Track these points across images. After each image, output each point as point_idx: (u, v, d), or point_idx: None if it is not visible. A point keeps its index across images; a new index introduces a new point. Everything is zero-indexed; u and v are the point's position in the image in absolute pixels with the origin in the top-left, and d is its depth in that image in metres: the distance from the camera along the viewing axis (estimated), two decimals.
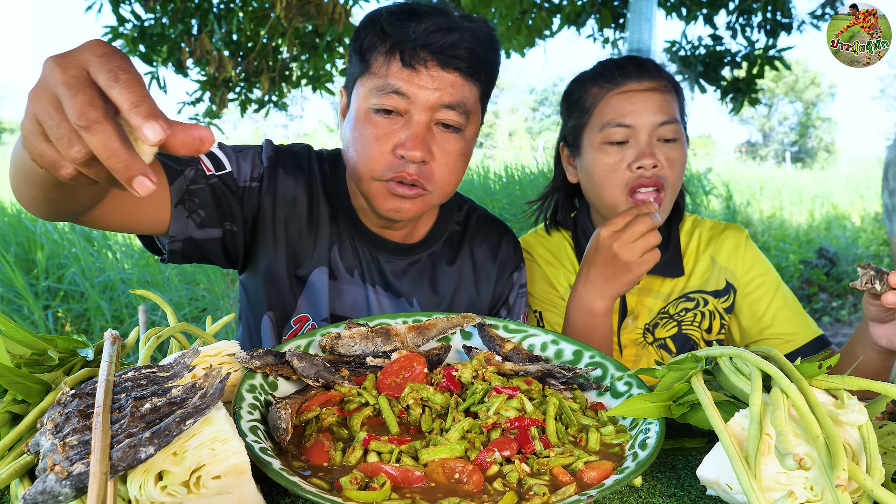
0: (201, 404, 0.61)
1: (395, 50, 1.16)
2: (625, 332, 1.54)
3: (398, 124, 1.17)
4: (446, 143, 1.19)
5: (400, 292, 1.35)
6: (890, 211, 1.42)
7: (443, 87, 1.16)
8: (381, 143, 1.17)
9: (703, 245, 1.57)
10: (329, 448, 0.71)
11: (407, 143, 1.15)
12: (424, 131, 1.16)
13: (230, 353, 0.81)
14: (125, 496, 0.58)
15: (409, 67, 1.15)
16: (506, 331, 1.01)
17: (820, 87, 47.08)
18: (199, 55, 4.50)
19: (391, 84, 1.15)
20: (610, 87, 1.44)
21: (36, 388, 0.73)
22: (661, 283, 1.55)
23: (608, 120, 1.42)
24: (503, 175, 9.89)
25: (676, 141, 1.43)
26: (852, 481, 0.61)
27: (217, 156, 1.25)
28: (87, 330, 5.04)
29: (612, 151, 1.42)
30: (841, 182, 14.40)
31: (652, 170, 1.39)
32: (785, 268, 6.94)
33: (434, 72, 1.15)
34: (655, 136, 1.41)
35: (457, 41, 1.15)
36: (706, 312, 1.53)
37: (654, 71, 1.45)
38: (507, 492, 0.65)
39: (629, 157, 1.40)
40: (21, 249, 5.98)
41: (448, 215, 1.42)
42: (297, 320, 1.32)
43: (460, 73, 1.17)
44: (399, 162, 1.16)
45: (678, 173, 1.43)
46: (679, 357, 0.80)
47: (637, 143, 1.41)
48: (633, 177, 1.40)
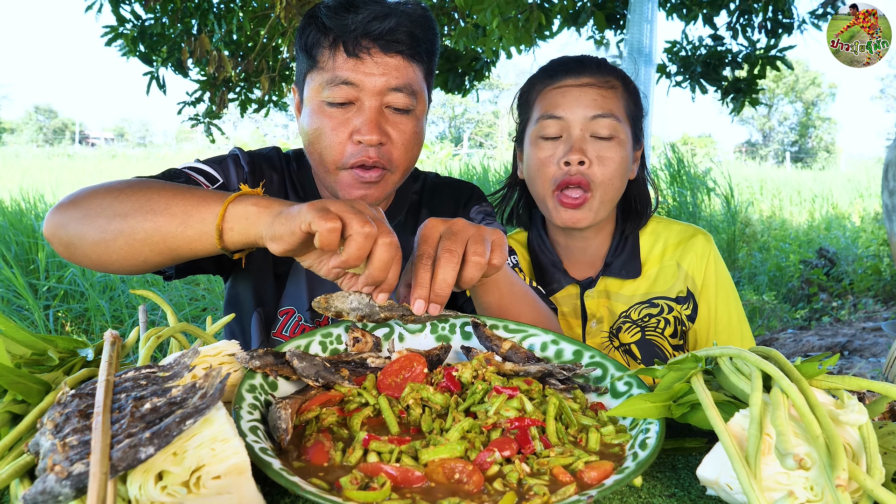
0: (201, 404, 0.61)
1: (337, 42, 1.23)
2: (590, 335, 1.53)
3: (351, 112, 1.24)
4: (399, 124, 1.26)
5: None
6: (890, 211, 1.42)
7: (388, 72, 1.23)
8: (339, 133, 1.24)
9: (670, 249, 1.55)
10: (329, 448, 0.71)
11: (362, 128, 1.22)
12: (377, 115, 1.23)
13: (230, 353, 0.81)
14: (125, 496, 0.58)
15: (354, 57, 1.22)
16: (506, 331, 1.01)
17: (820, 87, 47.08)
18: (199, 55, 4.50)
19: (339, 76, 1.22)
20: (549, 82, 1.46)
21: (36, 388, 0.73)
22: (619, 285, 1.53)
23: (542, 113, 1.44)
24: (503, 175, 9.89)
25: (612, 139, 1.40)
26: (852, 481, 0.61)
27: (205, 170, 1.32)
28: (87, 330, 5.04)
29: (545, 146, 1.43)
30: (841, 182, 14.40)
31: (578, 166, 1.38)
32: (785, 268, 6.94)
33: (378, 58, 1.22)
34: (588, 131, 1.40)
35: (395, 26, 1.22)
36: (670, 319, 1.51)
37: (595, 68, 1.44)
38: (507, 492, 0.65)
39: (560, 153, 1.40)
40: (21, 249, 5.98)
41: (405, 188, 1.49)
42: (282, 312, 1.39)
43: (402, 55, 1.24)
44: (358, 147, 1.23)
45: (611, 172, 1.40)
46: (679, 357, 0.80)
47: (569, 138, 1.40)
48: (561, 173, 1.40)
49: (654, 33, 4.65)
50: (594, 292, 1.53)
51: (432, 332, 1.01)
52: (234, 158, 1.39)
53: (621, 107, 1.44)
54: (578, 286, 1.54)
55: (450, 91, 5.77)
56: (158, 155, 28.20)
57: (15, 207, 7.00)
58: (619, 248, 1.53)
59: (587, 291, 1.53)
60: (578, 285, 1.54)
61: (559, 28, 5.01)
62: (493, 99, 57.90)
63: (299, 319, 1.39)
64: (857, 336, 5.38)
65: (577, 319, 1.54)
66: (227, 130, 25.02)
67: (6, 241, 5.99)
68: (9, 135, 51.80)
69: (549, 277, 1.55)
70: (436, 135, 53.22)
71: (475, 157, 19.82)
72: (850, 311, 6.24)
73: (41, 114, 58.13)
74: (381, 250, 0.84)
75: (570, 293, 1.54)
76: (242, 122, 34.60)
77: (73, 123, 59.14)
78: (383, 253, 0.85)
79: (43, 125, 57.41)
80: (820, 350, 5.11)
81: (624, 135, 1.43)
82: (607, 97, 1.41)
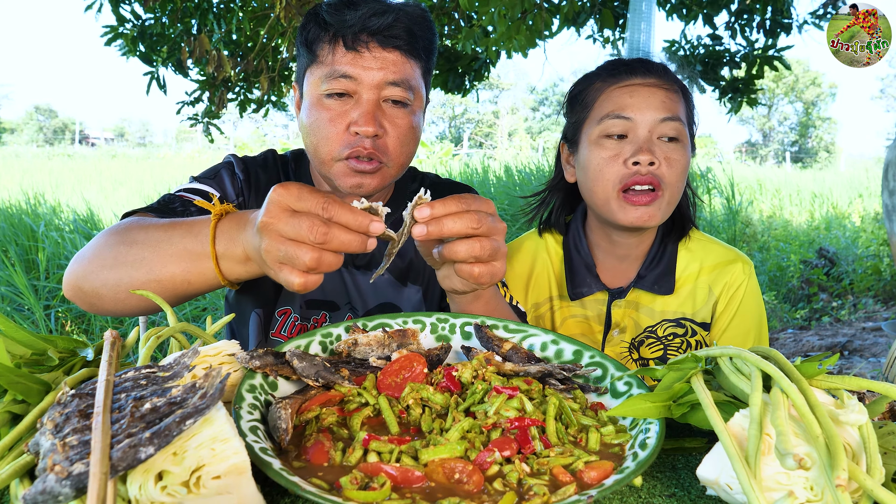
0: (201, 404, 0.61)
1: (337, 37, 1.26)
2: (610, 344, 1.51)
3: (349, 105, 1.27)
4: (396, 118, 1.29)
5: (370, 264, 1.45)
6: (890, 211, 1.42)
7: (386, 66, 1.26)
8: (336, 124, 1.26)
9: (706, 272, 1.50)
10: (329, 448, 0.71)
11: (359, 120, 1.24)
12: (374, 108, 1.26)
13: (230, 353, 0.81)
14: (125, 496, 0.58)
15: (353, 51, 1.25)
16: (506, 331, 1.01)
17: (820, 87, 47.09)
18: (199, 55, 4.50)
19: (338, 69, 1.25)
20: (613, 81, 1.42)
21: (36, 388, 0.73)
22: (651, 300, 1.50)
23: (607, 112, 1.39)
24: (503, 175, 9.89)
25: (679, 141, 1.38)
26: (852, 481, 0.61)
27: (201, 189, 1.34)
28: (87, 330, 5.04)
29: (610, 145, 1.39)
30: (841, 182, 14.40)
31: (648, 167, 1.34)
32: (785, 268, 6.94)
33: (376, 52, 1.26)
34: (656, 133, 1.37)
35: (393, 22, 1.25)
36: (692, 343, 1.49)
37: (661, 71, 1.42)
38: (507, 492, 0.65)
39: (626, 153, 1.36)
40: (22, 249, 5.98)
41: (404, 187, 1.52)
42: (280, 312, 1.42)
43: (400, 51, 1.27)
44: (354, 138, 1.26)
45: (678, 175, 1.37)
46: (679, 357, 0.80)
47: (636, 139, 1.37)
48: (628, 173, 1.35)
49: (652, 32, 4.65)
50: (623, 302, 1.50)
51: (432, 332, 1.01)
52: (229, 167, 1.41)
53: (684, 112, 1.42)
54: (608, 294, 1.51)
55: (450, 91, 5.77)
56: (158, 155, 28.21)
57: (15, 207, 7.00)
58: (654, 261, 1.50)
59: (616, 301, 1.50)
60: (608, 293, 1.51)
61: (559, 28, 5.00)
62: (493, 99, 57.92)
63: (296, 319, 1.41)
64: (857, 336, 5.38)
65: (599, 326, 1.51)
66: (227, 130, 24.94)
67: (7, 241, 5.99)
68: (9, 135, 51.81)
69: (579, 280, 1.52)
70: (436, 135, 53.19)
71: (475, 156, 19.83)
72: (850, 311, 6.24)
73: (41, 114, 58.12)
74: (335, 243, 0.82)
75: (597, 299, 1.52)
76: (242, 121, 34.62)
77: (73, 123, 59.14)
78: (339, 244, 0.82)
79: (43, 125, 57.41)
80: (820, 350, 5.11)
81: (687, 139, 1.40)
82: (674, 100, 1.39)
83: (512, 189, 8.92)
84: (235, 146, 27.96)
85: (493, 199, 8.19)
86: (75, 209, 7.49)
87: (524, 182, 9.22)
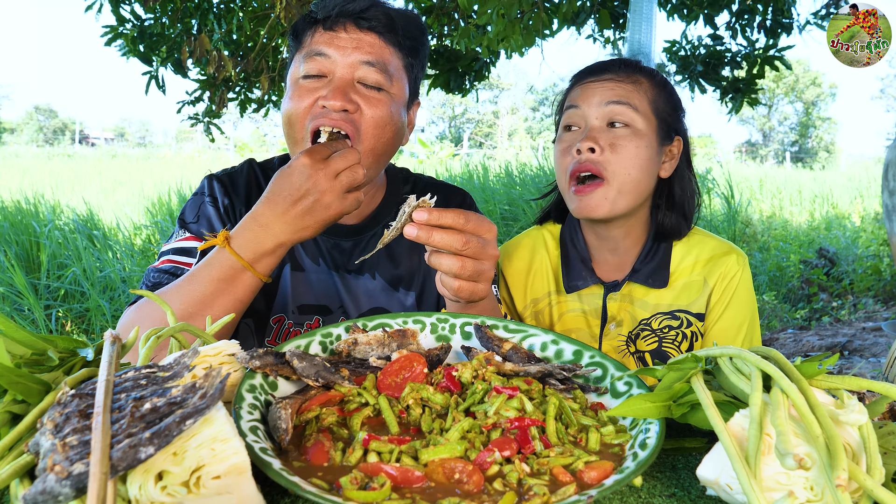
0: (201, 404, 0.61)
1: (317, 22, 1.31)
2: (607, 338, 1.52)
3: (321, 83, 1.28)
4: (371, 98, 1.28)
5: (363, 268, 1.45)
6: (890, 211, 1.42)
7: (360, 46, 1.28)
8: (304, 99, 1.28)
9: (700, 265, 1.52)
10: (329, 448, 0.71)
11: (328, 95, 1.26)
12: (345, 85, 1.27)
13: (230, 353, 0.81)
14: (125, 496, 0.58)
15: (330, 31, 1.29)
16: (506, 331, 1.01)
17: (820, 87, 47.09)
18: (199, 55, 4.50)
19: (314, 49, 1.29)
20: (577, 81, 1.51)
21: (36, 388, 0.73)
22: (645, 293, 1.51)
23: (566, 105, 1.49)
24: (503, 175, 9.89)
25: (629, 127, 1.41)
26: (852, 481, 0.61)
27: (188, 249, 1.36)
28: (87, 330, 5.04)
29: (565, 138, 1.47)
30: (841, 182, 14.39)
31: (588, 154, 1.38)
32: (785, 268, 6.94)
33: (353, 34, 1.29)
34: (605, 119, 1.42)
35: (369, 5, 1.29)
36: (688, 334, 1.50)
37: (620, 67, 1.47)
38: (507, 492, 0.65)
39: (575, 142, 1.43)
40: (22, 249, 5.98)
41: (395, 189, 1.52)
42: (275, 320, 1.44)
43: (377, 34, 1.30)
44: (321, 111, 1.26)
45: (627, 161, 1.39)
46: (679, 357, 0.80)
47: (584, 129, 1.44)
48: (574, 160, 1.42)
49: (653, 33, 4.65)
50: (618, 296, 1.52)
51: (432, 332, 1.01)
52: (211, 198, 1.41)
53: (644, 101, 1.44)
54: (603, 287, 1.53)
55: (450, 91, 5.76)
56: (158, 155, 28.20)
57: (15, 207, 7.00)
58: (649, 255, 1.51)
59: (611, 294, 1.52)
60: (603, 286, 1.53)
61: (559, 28, 5.00)
62: (493, 99, 57.91)
63: (290, 325, 1.43)
64: (857, 336, 5.38)
65: (596, 319, 1.53)
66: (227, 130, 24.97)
67: (7, 241, 5.99)
68: (9, 135, 51.79)
69: (575, 273, 1.55)
70: (436, 135, 53.14)
71: (475, 156, 19.81)
72: (850, 311, 6.24)
73: (41, 114, 58.12)
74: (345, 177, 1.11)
75: (593, 292, 1.54)
76: (242, 121, 34.60)
77: (73, 123, 59.14)
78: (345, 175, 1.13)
79: (43, 125, 57.41)
80: (820, 350, 5.11)
81: (643, 126, 1.42)
82: (627, 89, 1.43)
83: (513, 189, 8.92)
84: (235, 146, 27.98)
85: (495, 199, 8.20)
86: (75, 209, 7.50)
87: (525, 182, 9.21)
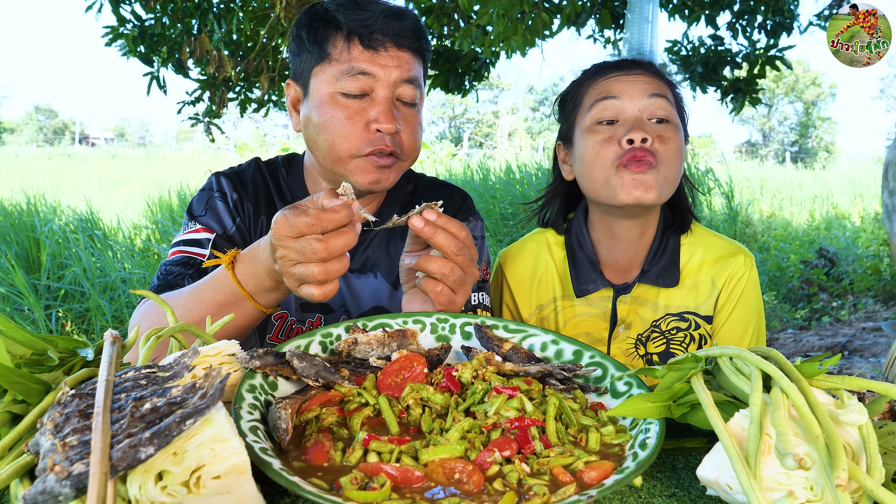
0: (201, 404, 0.61)
1: (352, 36, 1.30)
2: (616, 340, 1.50)
3: (366, 102, 1.30)
4: (408, 115, 1.35)
5: (364, 268, 1.47)
6: (890, 211, 1.42)
7: (401, 65, 1.31)
8: (355, 122, 1.30)
9: (707, 265, 1.51)
10: (329, 448, 0.71)
11: (380, 117, 1.28)
12: (391, 105, 1.31)
13: (230, 353, 0.81)
14: (125, 496, 0.58)
15: (371, 49, 1.30)
16: (506, 331, 1.01)
17: (820, 87, 47.10)
18: (199, 55, 4.50)
19: (356, 66, 1.29)
20: (599, 75, 1.46)
21: (36, 388, 0.73)
22: (655, 293, 1.50)
23: (596, 98, 1.43)
24: (503, 175, 9.89)
25: (669, 122, 1.40)
26: (852, 481, 0.61)
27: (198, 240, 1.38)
28: (87, 330, 5.04)
29: (602, 130, 1.42)
30: (841, 182, 14.39)
31: (642, 143, 1.36)
32: (785, 268, 6.94)
33: (392, 52, 1.31)
34: (646, 113, 1.40)
35: (406, 24, 1.32)
36: (696, 336, 1.49)
37: (646, 66, 1.45)
38: (507, 492, 0.65)
39: (619, 135, 1.38)
40: (22, 249, 5.99)
41: (398, 188, 1.54)
42: (276, 316, 1.45)
43: (411, 51, 1.33)
44: (376, 136, 1.30)
45: (674, 153, 1.39)
46: (679, 357, 0.80)
47: (626, 121, 1.39)
48: (622, 151, 1.37)
49: (654, 33, 4.64)
50: (628, 298, 1.50)
51: (432, 332, 1.01)
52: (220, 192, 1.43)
53: (672, 102, 1.44)
54: (613, 290, 1.51)
55: (450, 91, 5.76)
56: (158, 155, 28.20)
57: (15, 207, 7.00)
58: (658, 254, 1.50)
59: (621, 297, 1.50)
60: (613, 289, 1.51)
61: (559, 28, 5.00)
62: (493, 99, 57.91)
63: (292, 322, 1.44)
64: (857, 336, 5.38)
65: (605, 323, 1.51)
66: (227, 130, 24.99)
67: (7, 241, 5.99)
68: (9, 135, 51.82)
69: (584, 277, 1.52)
70: (436, 135, 53.18)
71: (475, 156, 19.82)
72: (850, 311, 6.24)
73: (41, 114, 58.14)
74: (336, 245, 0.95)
75: (602, 296, 1.52)
76: (242, 121, 34.65)
77: (73, 123, 59.15)
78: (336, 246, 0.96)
79: (43, 125, 57.42)
80: (820, 350, 5.11)
81: (677, 121, 1.43)
82: (660, 86, 1.43)
83: (513, 189, 8.92)
84: (235, 146, 28.00)
85: (495, 199, 8.20)
86: (76, 209, 7.50)
87: (526, 182, 9.21)
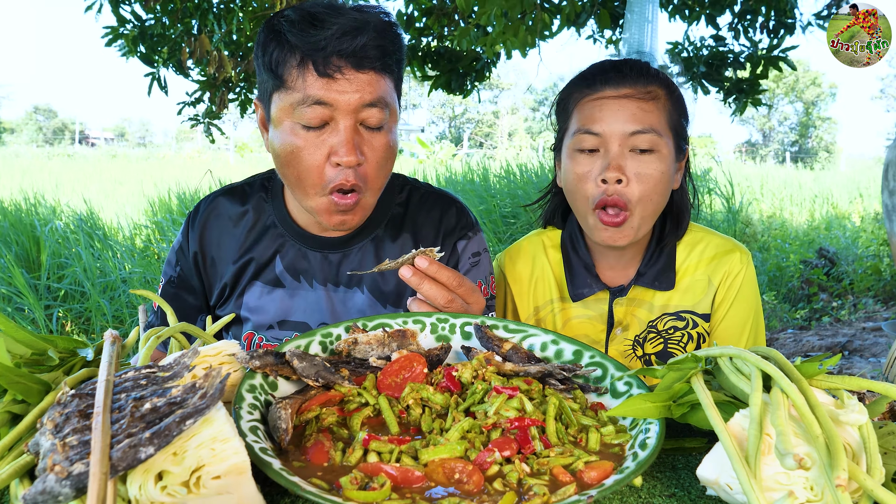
0: (201, 404, 0.61)
1: (306, 61, 1.17)
2: (613, 342, 1.50)
3: (326, 133, 1.20)
4: (373, 140, 1.22)
5: (351, 282, 1.41)
6: (890, 211, 1.42)
7: (361, 88, 1.18)
8: (315, 155, 1.20)
9: (704, 263, 1.50)
10: (329, 448, 0.71)
11: (339, 150, 1.18)
12: (353, 135, 1.19)
13: (230, 353, 0.81)
14: (125, 496, 0.58)
15: (326, 76, 1.17)
16: (505, 331, 1.01)
17: (821, 88, 47.10)
18: (199, 55, 4.50)
19: (311, 95, 1.17)
20: (588, 92, 1.42)
21: (36, 388, 0.73)
22: (651, 295, 1.50)
23: (578, 126, 1.40)
24: (503, 175, 9.88)
25: (652, 153, 1.36)
26: (852, 481, 0.61)
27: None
28: (87, 330, 5.04)
29: (582, 161, 1.39)
30: (841, 182, 14.39)
31: (615, 185, 1.34)
32: (785, 268, 6.94)
33: (350, 75, 1.17)
34: (627, 146, 1.36)
35: (366, 41, 1.17)
36: (694, 335, 1.49)
37: (636, 77, 1.39)
38: (507, 492, 0.65)
39: (596, 170, 1.36)
40: (23, 249, 5.98)
41: (388, 199, 1.43)
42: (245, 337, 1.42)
43: (374, 70, 1.20)
44: (336, 170, 1.20)
45: (650, 189, 1.36)
46: (679, 357, 0.80)
47: (606, 154, 1.36)
48: (598, 192, 1.36)
49: (654, 33, 4.64)
50: (624, 300, 1.50)
51: (432, 332, 1.01)
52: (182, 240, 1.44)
53: (663, 119, 1.39)
54: (609, 292, 1.51)
55: (451, 92, 5.75)
56: (158, 155, 28.19)
57: (15, 207, 7.00)
58: (653, 257, 1.50)
59: (617, 299, 1.50)
60: (609, 292, 1.51)
61: (559, 28, 4.99)
62: (494, 99, 57.92)
63: (260, 340, 1.41)
64: (857, 336, 5.38)
65: (602, 325, 1.51)
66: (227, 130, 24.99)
67: (7, 241, 5.99)
68: (9, 135, 51.82)
69: (580, 281, 1.52)
70: (436, 135, 53.14)
71: (475, 156, 19.81)
72: (850, 311, 6.24)
73: (41, 114, 58.14)
74: None
75: (599, 298, 1.52)
76: (242, 122, 34.61)
77: (73, 123, 59.16)
78: None
79: (43, 125, 57.43)
80: (820, 350, 5.10)
81: (665, 149, 1.38)
82: (648, 110, 1.37)
83: (513, 189, 8.91)
84: (235, 146, 28.04)
85: (495, 199, 8.20)
86: (76, 209, 7.50)
87: (526, 181, 9.21)
